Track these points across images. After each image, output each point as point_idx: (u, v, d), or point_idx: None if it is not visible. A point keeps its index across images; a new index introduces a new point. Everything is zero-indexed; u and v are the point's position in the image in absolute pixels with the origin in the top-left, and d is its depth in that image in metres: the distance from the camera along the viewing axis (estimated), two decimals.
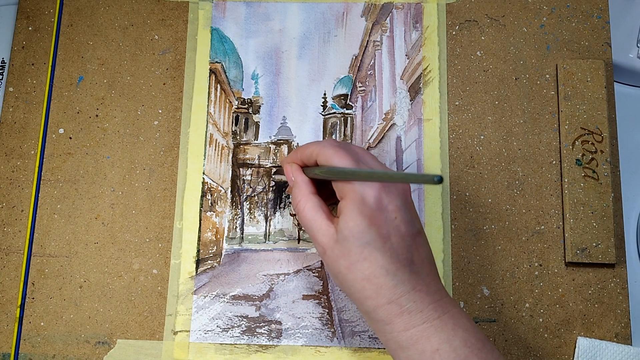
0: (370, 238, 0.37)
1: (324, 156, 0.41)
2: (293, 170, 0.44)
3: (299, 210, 0.42)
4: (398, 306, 0.37)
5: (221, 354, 0.52)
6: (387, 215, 0.38)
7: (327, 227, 0.40)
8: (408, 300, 0.37)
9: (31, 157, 0.56)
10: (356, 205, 0.38)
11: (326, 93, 0.58)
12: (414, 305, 0.37)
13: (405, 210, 0.39)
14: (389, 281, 0.37)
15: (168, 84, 0.58)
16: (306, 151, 0.43)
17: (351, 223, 0.38)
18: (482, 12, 0.58)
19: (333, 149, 0.40)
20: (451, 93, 0.57)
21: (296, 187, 0.43)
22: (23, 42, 0.59)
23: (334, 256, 0.39)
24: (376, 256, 0.37)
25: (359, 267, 0.38)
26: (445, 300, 0.39)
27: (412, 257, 0.38)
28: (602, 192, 0.53)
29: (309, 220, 0.41)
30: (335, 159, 0.40)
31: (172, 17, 0.59)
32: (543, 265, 0.53)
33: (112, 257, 0.54)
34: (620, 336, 0.51)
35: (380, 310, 0.38)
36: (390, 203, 0.38)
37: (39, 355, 0.52)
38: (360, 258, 0.38)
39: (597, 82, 0.55)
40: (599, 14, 0.58)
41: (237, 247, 0.55)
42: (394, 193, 0.39)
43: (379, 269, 0.37)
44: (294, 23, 0.59)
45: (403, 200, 0.39)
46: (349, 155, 0.40)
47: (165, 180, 0.55)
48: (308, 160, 0.43)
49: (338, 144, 0.41)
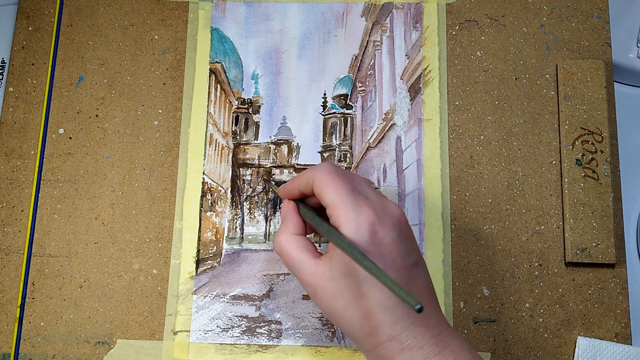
0: (367, 274, 0.36)
1: (319, 184, 0.38)
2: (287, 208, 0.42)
3: (282, 250, 0.40)
4: (398, 343, 0.36)
5: (221, 354, 0.52)
6: (383, 249, 0.36)
7: (315, 266, 0.38)
8: (408, 336, 0.36)
9: (31, 157, 0.56)
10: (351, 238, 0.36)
11: (326, 93, 0.58)
12: (414, 341, 0.36)
13: (401, 243, 0.37)
14: (388, 317, 0.36)
15: (168, 84, 0.58)
16: (303, 178, 0.40)
17: (346, 258, 0.36)
18: (482, 12, 0.59)
19: (329, 175, 0.38)
20: (451, 93, 0.57)
21: (283, 225, 0.41)
22: (23, 42, 0.59)
23: (328, 295, 0.37)
24: (374, 293, 0.36)
25: (357, 305, 0.36)
26: (446, 333, 0.37)
27: (410, 290, 0.37)
28: (602, 192, 0.53)
29: (294, 261, 0.39)
30: (330, 188, 0.38)
31: (172, 17, 0.59)
32: (543, 265, 0.53)
33: (112, 257, 0.54)
34: (620, 336, 0.51)
35: (381, 348, 0.36)
36: (386, 236, 0.37)
37: (39, 355, 0.52)
38: (357, 295, 0.36)
39: (597, 82, 0.55)
40: (599, 14, 0.58)
41: (237, 247, 0.55)
42: (389, 225, 0.37)
43: (377, 305, 0.36)
44: (294, 23, 0.59)
45: (398, 231, 0.37)
46: (344, 184, 0.38)
47: (165, 180, 0.55)
48: (305, 189, 0.40)
49: (335, 170, 0.39)
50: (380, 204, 0.38)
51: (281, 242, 0.40)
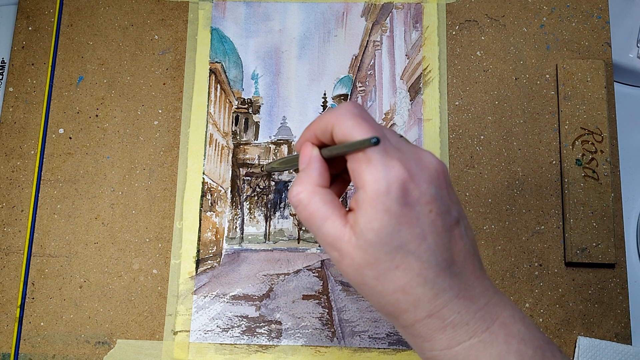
0: (402, 241, 0.30)
1: (341, 130, 0.32)
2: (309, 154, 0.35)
3: (303, 203, 0.33)
4: (440, 320, 0.31)
5: (221, 354, 0.52)
6: (420, 209, 0.31)
7: (342, 228, 0.32)
8: (451, 311, 0.31)
9: (31, 157, 0.56)
10: (380, 200, 0.30)
11: (326, 93, 0.58)
12: (459, 316, 0.31)
13: (440, 199, 0.31)
14: (428, 291, 0.31)
15: (168, 84, 0.58)
16: (320, 122, 0.34)
17: (376, 224, 0.30)
18: (482, 12, 0.58)
19: (354, 120, 0.32)
20: (451, 93, 0.57)
21: (304, 173, 0.34)
22: (23, 42, 0.59)
23: (355, 265, 0.31)
24: (410, 262, 0.31)
25: (391, 276, 0.31)
26: (493, 302, 0.32)
27: (453, 255, 0.32)
28: (602, 192, 0.53)
29: (318, 218, 0.32)
30: (354, 136, 0.31)
31: (172, 17, 0.59)
32: (543, 265, 0.53)
33: (112, 257, 0.54)
34: (620, 336, 0.51)
35: (419, 325, 0.32)
36: (423, 194, 0.31)
37: (39, 355, 0.52)
38: (391, 266, 0.31)
39: (597, 82, 0.55)
40: (599, 14, 0.58)
41: (237, 247, 0.55)
42: (426, 180, 0.31)
43: (415, 277, 0.31)
44: (294, 23, 0.59)
45: (437, 186, 0.31)
46: (373, 130, 0.31)
47: (165, 180, 0.55)
48: (323, 135, 0.34)
49: (360, 113, 0.32)
50: (413, 156, 0.32)
51: (302, 193, 0.33)
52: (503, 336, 0.32)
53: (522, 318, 0.33)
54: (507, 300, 0.33)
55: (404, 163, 0.31)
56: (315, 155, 0.34)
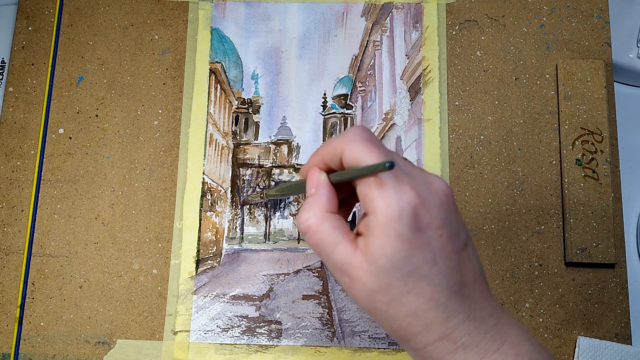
0: (414, 266, 0.31)
1: (352, 155, 0.32)
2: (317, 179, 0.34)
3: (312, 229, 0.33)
4: (451, 342, 0.32)
5: (221, 354, 0.52)
6: (431, 234, 0.31)
7: (352, 254, 0.32)
8: (462, 333, 0.31)
9: (31, 157, 0.56)
10: (392, 225, 0.30)
11: (326, 93, 0.58)
12: (470, 338, 0.32)
13: (450, 223, 0.32)
14: (440, 314, 0.31)
15: (168, 84, 0.58)
16: (329, 148, 0.34)
17: (388, 249, 0.30)
18: (482, 12, 0.59)
19: (364, 145, 0.32)
20: (451, 93, 0.57)
21: (313, 199, 0.34)
22: (23, 42, 0.59)
23: (367, 290, 0.31)
24: (422, 287, 0.31)
25: (403, 301, 0.31)
26: (502, 322, 0.33)
27: (463, 278, 0.32)
28: (602, 192, 0.53)
29: (327, 244, 0.32)
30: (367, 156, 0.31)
31: (172, 17, 0.59)
32: (543, 265, 0.53)
33: (112, 257, 0.54)
34: (620, 336, 0.51)
35: (431, 348, 0.32)
36: (434, 219, 0.31)
37: (39, 355, 0.52)
38: (403, 291, 0.31)
39: (597, 82, 0.55)
40: (599, 14, 0.58)
41: (237, 247, 0.55)
42: (436, 205, 0.31)
43: (427, 301, 0.31)
44: (294, 23, 0.59)
45: (446, 210, 0.32)
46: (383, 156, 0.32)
47: (165, 180, 0.55)
48: (332, 160, 0.34)
49: (370, 138, 0.33)
50: (423, 180, 0.32)
51: (310, 219, 0.33)
52: (513, 356, 0.32)
53: (529, 338, 0.33)
54: (513, 319, 0.34)
55: (415, 188, 0.31)
56: (323, 180, 0.34)
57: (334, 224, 0.33)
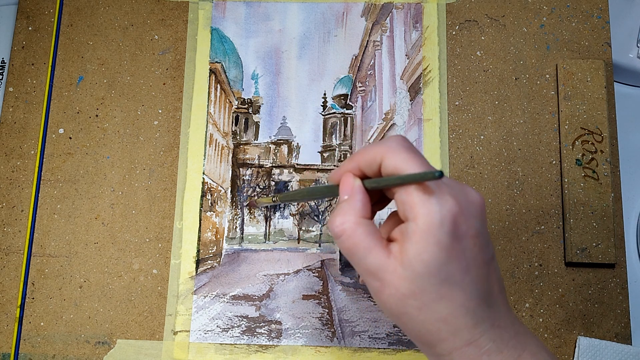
0: (449, 273, 0.31)
1: (392, 163, 0.32)
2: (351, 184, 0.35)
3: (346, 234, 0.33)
4: (477, 348, 0.32)
5: (221, 354, 0.52)
6: (466, 243, 0.32)
7: (385, 259, 0.32)
8: (488, 339, 0.32)
9: (31, 157, 0.56)
10: (433, 232, 0.31)
11: (326, 93, 0.58)
12: (494, 345, 0.32)
13: (483, 234, 0.33)
14: (469, 320, 0.32)
15: (168, 84, 0.58)
16: (366, 155, 0.34)
17: (426, 256, 0.31)
18: (482, 12, 0.59)
19: (406, 153, 0.32)
20: (451, 93, 0.57)
21: (348, 204, 0.34)
22: (23, 42, 0.59)
23: (398, 295, 0.32)
24: (455, 294, 0.32)
25: (434, 307, 0.32)
26: (522, 332, 0.34)
27: (490, 287, 0.33)
28: (602, 192, 0.53)
29: (360, 249, 0.33)
30: (407, 169, 0.32)
31: (172, 17, 0.59)
32: (543, 265, 0.53)
33: (112, 257, 0.54)
34: (620, 336, 0.51)
35: (456, 354, 0.33)
36: (469, 229, 0.32)
37: (39, 355, 0.52)
38: (436, 297, 0.32)
39: (597, 82, 0.55)
40: (599, 14, 0.58)
41: (237, 247, 0.55)
42: (473, 214, 0.32)
43: (458, 307, 0.32)
44: (294, 23, 0.59)
45: (481, 221, 0.33)
46: (425, 165, 0.32)
47: (165, 180, 0.55)
48: (369, 167, 0.34)
49: (411, 147, 0.33)
50: (461, 191, 0.33)
51: (346, 224, 0.33)
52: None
53: (544, 347, 0.34)
54: (530, 332, 0.35)
55: (455, 197, 0.32)
56: (358, 186, 0.35)
57: (368, 229, 0.33)
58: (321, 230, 0.55)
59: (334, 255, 0.55)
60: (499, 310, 0.33)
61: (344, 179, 0.35)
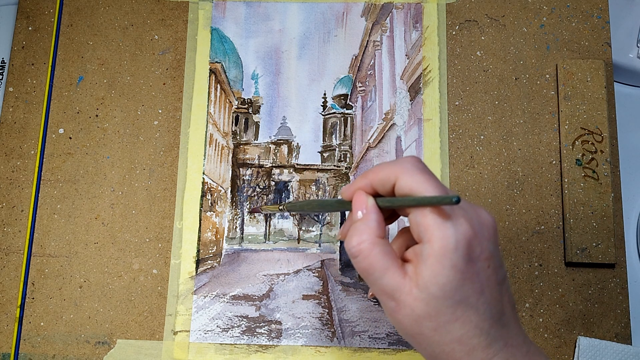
0: (464, 295, 0.32)
1: (407, 184, 0.33)
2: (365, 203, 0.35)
3: (363, 254, 0.33)
4: None
5: (221, 354, 0.52)
6: (480, 265, 0.32)
7: (401, 279, 0.33)
8: (501, 359, 0.33)
9: (31, 157, 0.56)
10: (448, 256, 0.31)
11: (326, 93, 0.58)
12: None
13: (496, 256, 0.33)
14: (483, 341, 0.32)
15: (168, 84, 0.58)
16: (380, 174, 0.34)
17: (441, 278, 0.31)
18: (482, 12, 0.59)
19: (422, 175, 0.33)
20: (451, 93, 0.57)
21: (363, 223, 0.34)
22: (23, 42, 0.59)
23: (415, 316, 0.32)
24: (470, 315, 0.32)
25: (449, 328, 0.32)
26: (532, 351, 0.34)
27: (503, 307, 0.34)
28: (602, 192, 0.53)
29: (377, 269, 0.33)
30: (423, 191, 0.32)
31: (172, 17, 0.59)
32: (543, 265, 0.53)
33: (112, 257, 0.54)
34: (620, 336, 0.51)
35: None
36: (484, 250, 0.33)
37: (39, 355, 0.52)
38: (451, 319, 0.32)
39: (597, 82, 0.55)
40: (599, 14, 0.58)
41: (237, 247, 0.55)
42: (486, 237, 0.33)
43: (472, 328, 0.32)
44: (294, 23, 0.59)
45: (494, 243, 0.33)
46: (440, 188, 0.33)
47: (165, 180, 0.55)
48: (381, 186, 0.34)
49: (425, 168, 0.34)
50: (474, 213, 0.33)
51: (363, 244, 0.33)
52: None
53: None
54: (540, 350, 0.35)
55: (469, 221, 0.32)
56: (372, 205, 0.35)
57: (384, 249, 0.33)
58: (321, 230, 0.55)
59: (334, 255, 0.55)
60: (512, 329, 0.34)
61: (357, 197, 0.35)
